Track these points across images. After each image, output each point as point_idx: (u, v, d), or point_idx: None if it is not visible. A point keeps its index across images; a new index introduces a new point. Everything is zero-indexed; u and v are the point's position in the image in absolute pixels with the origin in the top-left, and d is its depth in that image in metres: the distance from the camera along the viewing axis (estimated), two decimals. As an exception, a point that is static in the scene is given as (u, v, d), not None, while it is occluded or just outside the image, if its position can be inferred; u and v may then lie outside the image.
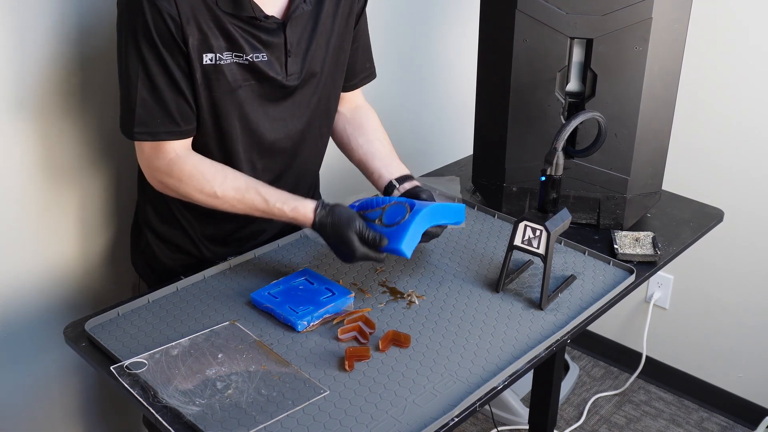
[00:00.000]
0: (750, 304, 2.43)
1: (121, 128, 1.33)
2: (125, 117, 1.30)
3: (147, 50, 1.25)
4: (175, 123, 1.30)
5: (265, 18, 1.31)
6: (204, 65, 1.28)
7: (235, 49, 1.30)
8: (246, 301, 1.34)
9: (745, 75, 2.24)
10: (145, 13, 1.22)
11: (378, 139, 1.57)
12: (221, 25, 1.28)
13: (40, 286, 1.60)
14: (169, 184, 1.34)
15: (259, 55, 1.33)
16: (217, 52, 1.29)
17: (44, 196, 1.55)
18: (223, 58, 1.30)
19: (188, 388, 1.11)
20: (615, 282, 1.43)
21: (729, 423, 2.55)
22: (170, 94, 1.28)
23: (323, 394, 1.12)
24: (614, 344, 2.82)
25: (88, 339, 1.23)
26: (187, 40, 1.25)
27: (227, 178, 1.34)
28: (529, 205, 1.68)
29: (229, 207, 1.35)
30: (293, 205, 1.33)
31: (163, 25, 1.23)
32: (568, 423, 2.54)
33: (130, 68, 1.27)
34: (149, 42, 1.24)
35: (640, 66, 1.53)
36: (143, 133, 1.30)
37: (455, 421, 1.08)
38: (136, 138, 1.30)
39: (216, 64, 1.29)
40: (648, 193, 1.68)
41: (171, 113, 1.29)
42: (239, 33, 1.30)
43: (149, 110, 1.28)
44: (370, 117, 1.61)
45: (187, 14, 1.24)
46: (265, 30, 1.32)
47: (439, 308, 1.34)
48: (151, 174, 1.36)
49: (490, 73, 1.68)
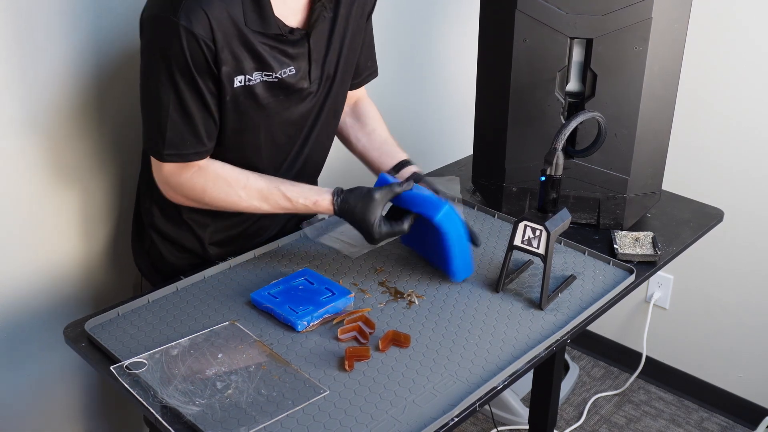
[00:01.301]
0: (750, 304, 2.43)
1: (148, 149, 1.33)
2: (154, 138, 1.30)
3: (181, 77, 1.24)
4: (203, 143, 1.32)
5: (290, 33, 1.31)
6: (235, 88, 1.29)
7: (264, 68, 1.30)
8: (246, 301, 1.34)
9: (745, 75, 2.24)
10: (181, 40, 1.20)
11: (375, 129, 1.59)
12: (250, 46, 1.27)
13: (41, 286, 1.60)
14: (192, 196, 1.36)
15: (286, 70, 1.33)
16: (247, 74, 1.29)
17: (45, 198, 1.55)
18: (252, 79, 1.30)
19: (188, 388, 1.11)
20: (615, 282, 1.43)
21: (729, 423, 2.55)
22: (200, 116, 1.29)
23: (323, 394, 1.12)
24: (614, 344, 2.82)
25: (88, 339, 1.23)
26: (220, 66, 1.25)
27: (249, 181, 1.36)
28: (529, 205, 1.68)
29: (254, 209, 1.37)
30: (314, 199, 1.37)
31: (200, 53, 1.22)
32: (568, 423, 2.55)
33: (161, 93, 1.26)
34: (184, 69, 1.23)
35: (640, 66, 1.53)
36: (173, 155, 1.30)
37: (455, 421, 1.08)
38: (167, 160, 1.31)
39: (246, 86, 1.30)
40: (648, 193, 1.68)
41: (200, 135, 1.30)
42: (267, 51, 1.29)
43: (180, 134, 1.29)
44: (369, 109, 1.63)
45: (221, 41, 1.23)
46: (290, 43, 1.32)
47: (439, 308, 1.34)
48: (172, 189, 1.36)
49: (490, 73, 1.68)
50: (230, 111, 1.31)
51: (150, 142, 1.32)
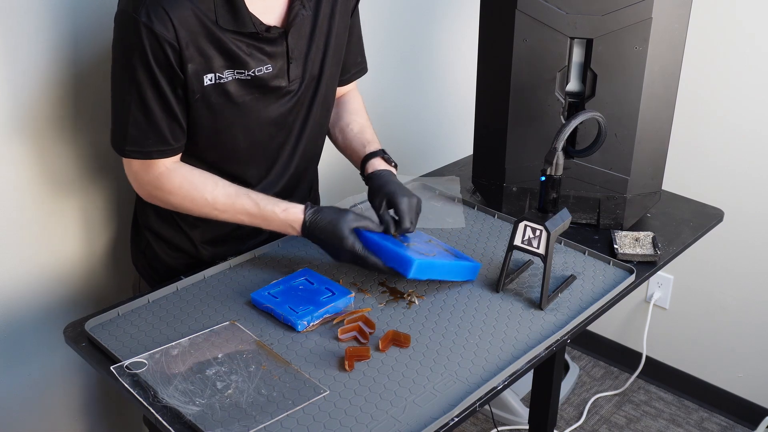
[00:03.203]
0: (750, 304, 2.43)
1: (112, 143, 1.33)
2: (117, 134, 1.31)
3: (142, 75, 1.24)
4: (167, 143, 1.31)
5: (267, 31, 1.30)
6: (205, 86, 1.28)
7: (236, 66, 1.30)
8: (246, 301, 1.34)
9: (745, 75, 2.24)
10: (142, 39, 1.20)
11: (349, 123, 1.57)
12: (221, 44, 1.27)
13: (41, 286, 1.60)
14: (159, 197, 1.36)
15: (262, 68, 1.32)
16: (217, 72, 1.28)
17: (45, 199, 1.55)
18: (223, 77, 1.29)
19: (188, 388, 1.11)
20: (615, 282, 1.43)
21: (729, 423, 2.55)
22: (163, 117, 1.28)
23: (323, 394, 1.12)
24: (614, 344, 2.82)
25: (88, 339, 1.23)
26: (185, 66, 1.24)
27: (217, 186, 1.35)
28: (529, 205, 1.68)
29: (219, 213, 1.36)
30: (284, 206, 1.35)
31: (161, 53, 1.22)
32: (568, 423, 2.55)
33: (124, 89, 1.27)
34: (145, 67, 1.23)
35: (640, 66, 1.53)
36: (135, 151, 1.30)
37: (455, 421, 1.08)
38: (128, 155, 1.31)
39: (217, 84, 1.29)
40: (648, 193, 1.68)
41: (163, 134, 1.30)
42: (241, 49, 1.29)
43: (142, 131, 1.29)
44: (348, 102, 1.61)
45: (186, 39, 1.22)
46: (267, 41, 1.32)
47: (439, 308, 1.34)
48: (140, 186, 1.37)
49: (490, 73, 1.68)
50: (203, 109, 1.31)
51: (114, 136, 1.32)
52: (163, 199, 1.36)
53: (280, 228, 1.36)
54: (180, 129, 1.32)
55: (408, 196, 1.38)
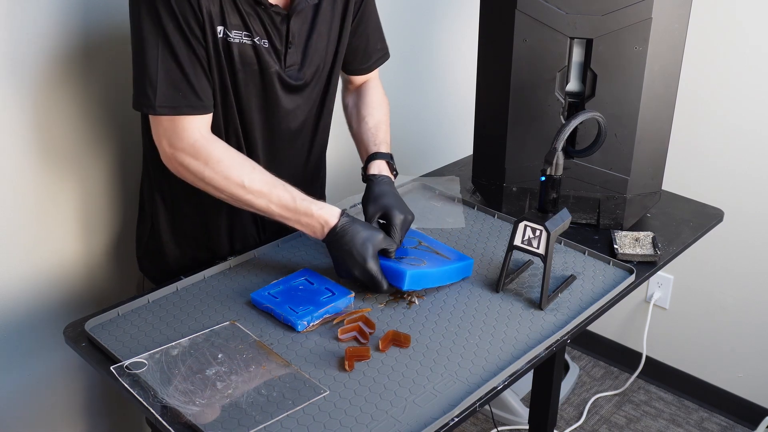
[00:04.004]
0: (750, 304, 2.44)
1: (137, 104, 1.28)
2: (144, 91, 1.26)
3: (168, 22, 1.22)
4: (197, 96, 1.28)
5: (270, 5, 1.31)
6: (217, 37, 1.27)
7: (245, 29, 1.30)
8: (246, 301, 1.34)
9: (745, 75, 2.24)
10: None
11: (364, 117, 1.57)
12: (235, 3, 1.27)
13: (41, 286, 1.60)
14: (192, 167, 1.29)
15: (262, 40, 1.33)
16: (228, 28, 1.28)
17: (43, 191, 1.55)
18: (232, 36, 1.29)
19: (188, 388, 1.11)
20: (615, 282, 1.43)
21: (729, 423, 2.55)
22: (191, 65, 1.26)
23: (323, 394, 1.12)
24: (614, 344, 2.82)
25: (88, 339, 1.23)
26: (202, 8, 1.23)
27: (255, 170, 1.32)
28: (529, 205, 1.68)
29: (252, 198, 1.31)
30: (321, 205, 1.33)
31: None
32: (568, 423, 2.55)
33: (149, 40, 1.24)
34: (170, 13, 1.22)
35: (640, 66, 1.53)
36: (165, 107, 1.26)
37: (455, 421, 1.08)
38: (159, 112, 1.26)
39: (226, 39, 1.29)
40: (648, 193, 1.68)
41: (193, 86, 1.27)
42: (248, 14, 1.30)
43: (171, 83, 1.25)
44: (368, 94, 1.61)
45: None
46: (270, 17, 1.32)
47: (439, 308, 1.34)
48: (171, 154, 1.30)
49: (490, 73, 1.68)
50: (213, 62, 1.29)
51: (141, 96, 1.26)
52: (196, 170, 1.29)
53: (307, 225, 1.33)
54: (207, 81, 1.29)
55: (404, 213, 1.39)
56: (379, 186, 1.44)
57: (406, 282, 1.31)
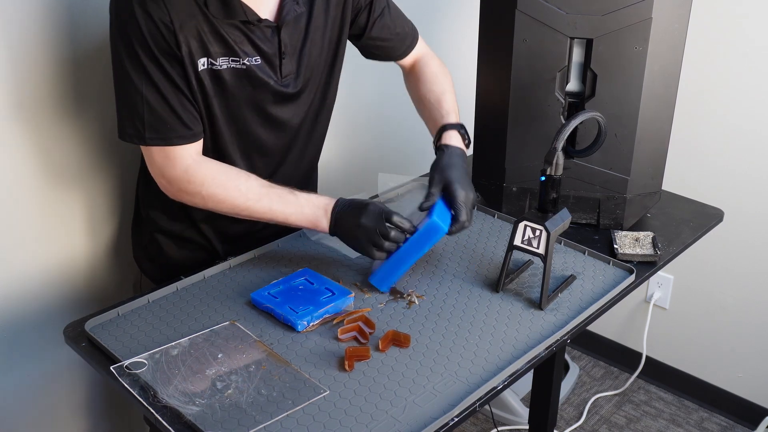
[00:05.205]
0: (750, 304, 2.43)
1: (125, 136, 1.31)
2: (134, 124, 1.28)
3: (146, 58, 1.24)
4: (186, 126, 1.30)
5: (259, 21, 1.30)
6: (199, 71, 1.28)
7: (231, 54, 1.30)
8: (246, 301, 1.34)
9: (745, 75, 2.24)
10: (138, 20, 1.21)
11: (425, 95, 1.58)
12: (216, 30, 1.27)
13: (41, 286, 1.60)
14: (190, 190, 1.33)
15: (252, 59, 1.32)
16: (212, 57, 1.28)
17: (46, 197, 1.55)
18: (218, 64, 1.29)
19: (188, 388, 1.11)
20: (615, 282, 1.43)
21: (729, 423, 2.55)
22: (176, 98, 1.28)
23: (323, 394, 1.12)
24: (614, 344, 2.82)
25: (88, 339, 1.23)
26: (180, 46, 1.24)
27: (250, 178, 1.35)
28: (529, 205, 1.68)
29: (252, 203, 1.33)
30: (317, 195, 1.37)
31: (157, 32, 1.22)
32: (568, 423, 2.55)
33: (132, 76, 1.26)
34: (146, 50, 1.23)
35: (640, 66, 1.53)
36: (155, 138, 1.29)
37: (455, 421, 1.08)
38: (149, 143, 1.29)
39: (211, 69, 1.29)
40: (648, 193, 1.68)
41: (180, 117, 1.29)
42: (233, 38, 1.29)
43: (158, 116, 1.27)
44: (422, 71, 1.61)
45: (180, 20, 1.23)
46: (261, 32, 1.32)
47: (439, 308, 1.34)
48: (168, 183, 1.34)
49: (490, 73, 1.68)
50: (198, 95, 1.30)
51: (130, 129, 1.29)
52: (194, 193, 1.33)
53: (311, 212, 1.35)
54: (196, 111, 1.31)
55: (466, 190, 1.38)
56: (449, 157, 1.43)
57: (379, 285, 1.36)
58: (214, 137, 1.37)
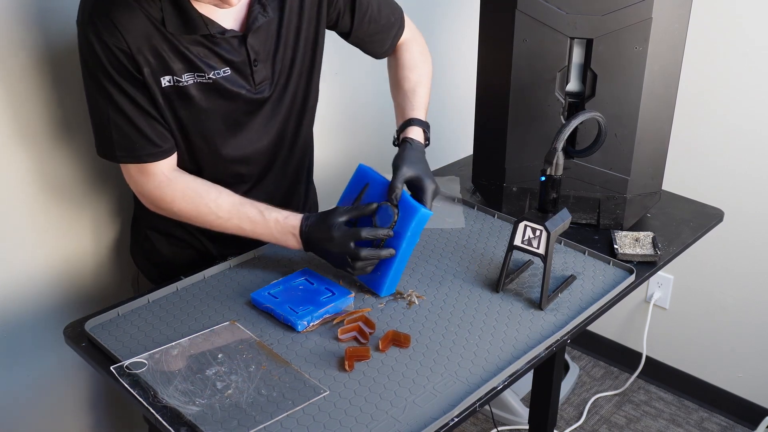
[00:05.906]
0: (750, 304, 2.44)
1: (100, 152, 1.33)
2: (105, 142, 1.31)
3: (108, 83, 1.25)
4: (154, 144, 1.31)
5: (222, 34, 1.29)
6: (163, 88, 1.28)
7: (195, 69, 1.29)
8: (246, 301, 1.34)
9: (745, 75, 2.24)
10: (95, 48, 1.22)
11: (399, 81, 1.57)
12: (176, 48, 1.26)
13: (41, 286, 1.60)
14: (163, 207, 1.36)
15: (220, 71, 1.31)
16: (176, 75, 1.28)
17: (47, 197, 1.55)
18: (182, 80, 1.28)
19: (188, 388, 1.11)
20: (615, 282, 1.43)
21: (729, 423, 2.55)
22: (141, 118, 1.28)
23: (323, 394, 1.12)
24: (614, 344, 2.82)
25: (88, 339, 1.23)
26: (141, 69, 1.25)
27: (221, 194, 1.36)
28: (529, 205, 1.68)
29: (223, 221, 1.35)
30: (286, 214, 1.36)
31: (115, 60, 1.23)
32: (568, 423, 2.55)
33: (98, 99, 1.27)
34: (107, 76, 1.24)
35: (640, 66, 1.53)
36: (126, 156, 1.31)
37: (455, 421, 1.08)
38: (120, 160, 1.32)
39: (176, 86, 1.29)
40: (648, 193, 1.68)
41: (147, 136, 1.30)
42: (195, 53, 1.28)
43: (126, 136, 1.29)
44: (404, 56, 1.60)
45: (137, 44, 1.22)
46: (227, 43, 1.30)
47: (439, 308, 1.34)
48: (143, 197, 1.37)
49: (490, 73, 1.68)
50: (167, 111, 1.31)
51: (102, 146, 1.32)
52: (167, 209, 1.36)
53: (281, 236, 1.36)
54: (162, 128, 1.31)
55: (435, 183, 1.38)
56: (414, 151, 1.43)
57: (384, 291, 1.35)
58: (190, 150, 1.38)
